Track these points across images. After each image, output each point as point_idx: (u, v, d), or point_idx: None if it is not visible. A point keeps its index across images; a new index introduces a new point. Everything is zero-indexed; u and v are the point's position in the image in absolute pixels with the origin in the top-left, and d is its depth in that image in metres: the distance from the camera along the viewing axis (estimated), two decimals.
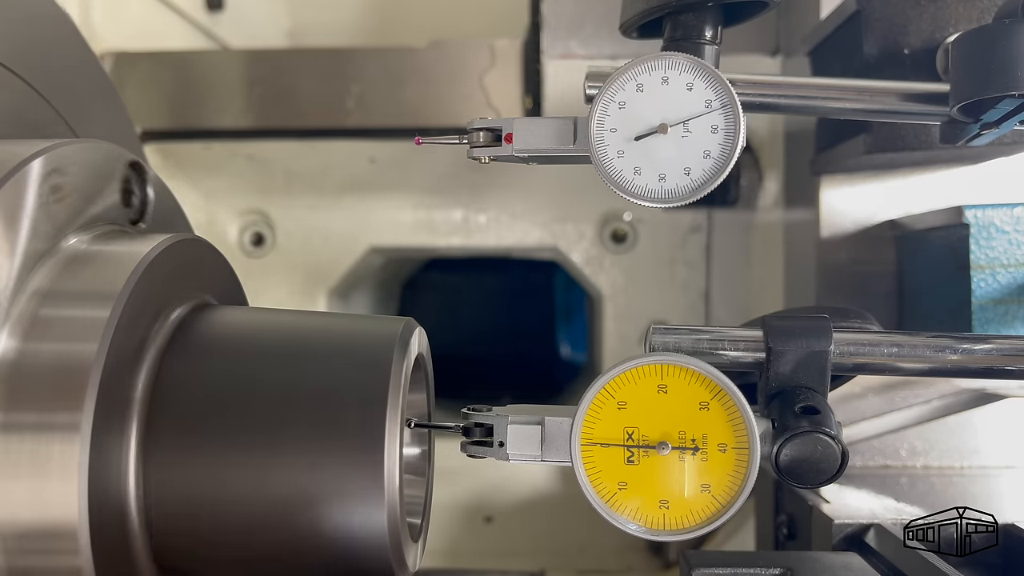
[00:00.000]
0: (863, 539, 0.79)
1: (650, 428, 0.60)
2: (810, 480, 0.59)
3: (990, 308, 0.87)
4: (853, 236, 1.06)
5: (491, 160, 0.68)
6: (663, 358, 0.60)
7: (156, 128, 1.40)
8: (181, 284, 0.63)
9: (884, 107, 0.71)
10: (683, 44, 0.66)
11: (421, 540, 0.65)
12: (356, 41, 1.66)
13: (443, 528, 1.53)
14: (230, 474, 0.56)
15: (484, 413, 0.63)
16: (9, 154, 0.55)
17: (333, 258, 1.56)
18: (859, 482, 0.95)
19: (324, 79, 1.38)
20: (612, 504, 0.60)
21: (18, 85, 0.69)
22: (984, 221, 0.88)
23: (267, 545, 0.57)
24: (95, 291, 0.55)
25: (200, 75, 1.41)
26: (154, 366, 0.58)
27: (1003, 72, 0.63)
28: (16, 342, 0.53)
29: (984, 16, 0.89)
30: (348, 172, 1.50)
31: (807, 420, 0.60)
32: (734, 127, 0.63)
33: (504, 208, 1.55)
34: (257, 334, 0.64)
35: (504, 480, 1.55)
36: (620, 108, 0.64)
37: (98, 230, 0.62)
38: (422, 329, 0.65)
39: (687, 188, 0.64)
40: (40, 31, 0.75)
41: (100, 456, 0.52)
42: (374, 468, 0.55)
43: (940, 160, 1.00)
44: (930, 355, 0.65)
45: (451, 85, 1.37)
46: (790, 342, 0.63)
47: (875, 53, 0.92)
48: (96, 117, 0.82)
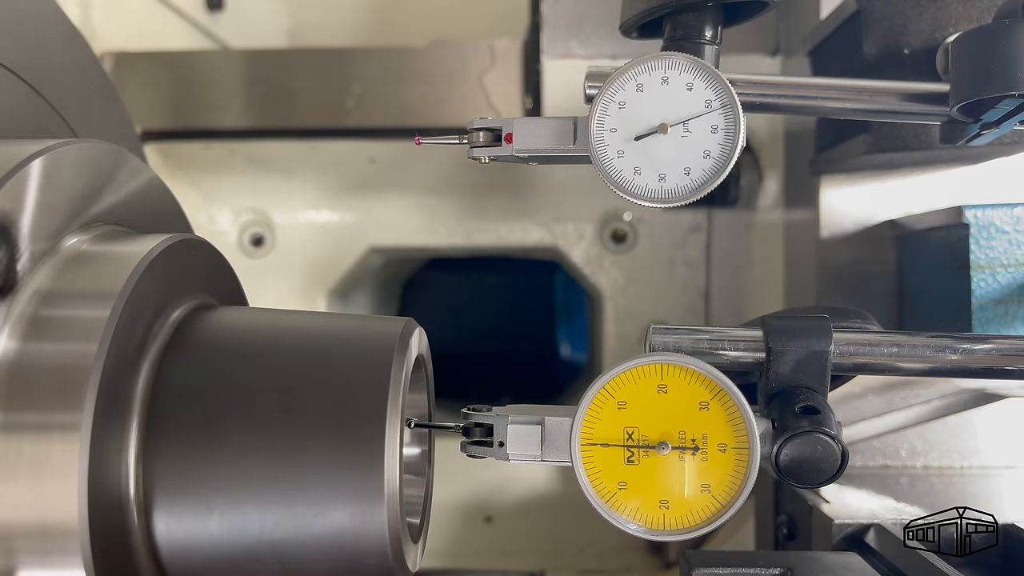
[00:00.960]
0: (863, 539, 0.79)
1: (650, 428, 0.60)
2: (810, 480, 0.59)
3: (990, 308, 0.87)
4: (853, 236, 1.06)
5: (491, 160, 0.68)
6: (663, 358, 0.60)
7: (156, 128, 1.40)
8: (181, 284, 0.63)
9: (884, 107, 0.71)
10: (683, 44, 0.66)
11: (421, 540, 0.64)
12: (356, 41, 1.66)
13: (443, 528, 1.53)
14: (230, 474, 0.56)
15: (484, 413, 0.63)
16: (9, 154, 0.55)
17: (333, 258, 1.56)
18: (859, 482, 0.95)
19: (324, 79, 1.38)
20: (612, 504, 0.60)
21: (18, 85, 0.69)
22: (984, 221, 0.88)
23: (267, 545, 0.56)
24: (95, 291, 0.55)
25: (200, 75, 1.41)
26: (154, 366, 0.58)
27: (1003, 72, 0.63)
28: (16, 342, 0.53)
29: (984, 16, 0.89)
30: (348, 172, 1.50)
31: (807, 420, 0.60)
32: (734, 127, 0.63)
33: (504, 208, 1.55)
34: (257, 334, 0.64)
35: (504, 480, 1.55)
36: (620, 108, 0.64)
37: (98, 230, 0.62)
38: (422, 329, 0.65)
39: (687, 188, 0.64)
40: (40, 31, 0.75)
41: (100, 456, 0.52)
42: (374, 468, 0.55)
43: (940, 160, 1.00)
44: (930, 355, 0.65)
45: (451, 85, 1.37)
46: (790, 342, 0.63)
47: (875, 53, 0.92)
48: (96, 117, 0.82)
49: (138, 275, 0.56)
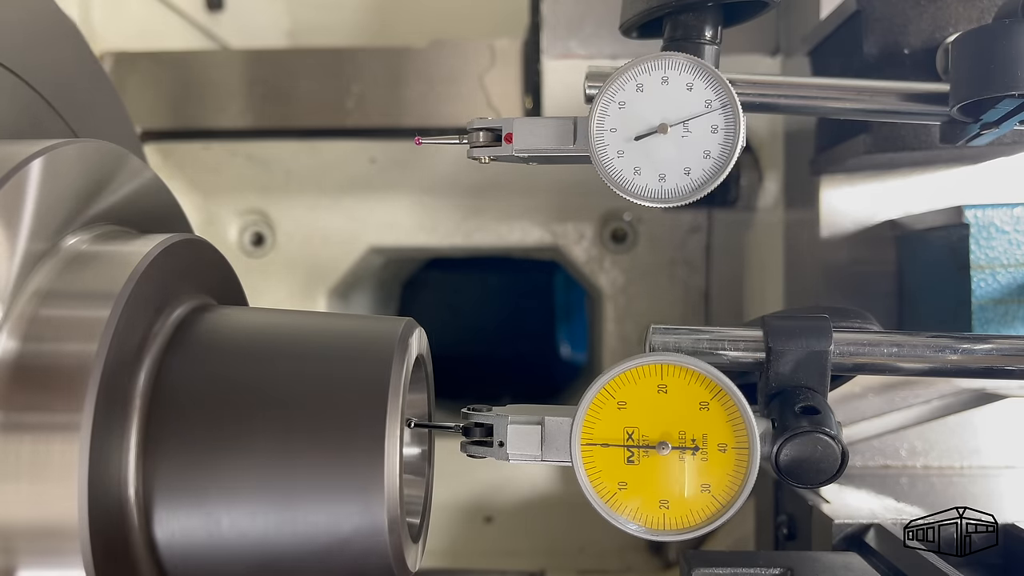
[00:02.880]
0: (863, 539, 0.79)
1: (650, 428, 0.60)
2: (810, 480, 0.59)
3: (990, 308, 0.87)
4: (853, 236, 1.06)
5: (491, 160, 0.68)
6: (663, 358, 0.60)
7: (156, 128, 1.40)
8: (181, 284, 0.63)
9: (884, 107, 0.71)
10: (683, 44, 0.66)
11: (421, 540, 0.64)
12: (356, 41, 1.66)
13: (443, 528, 1.53)
14: (230, 474, 0.56)
15: (484, 413, 0.63)
16: (9, 154, 0.55)
17: (333, 258, 1.56)
18: (859, 482, 0.95)
19: (324, 79, 1.38)
20: (612, 504, 0.60)
21: (18, 85, 0.69)
22: (984, 221, 0.88)
23: (267, 545, 0.56)
24: (95, 291, 0.55)
25: (200, 75, 1.41)
26: (154, 366, 0.58)
27: (1003, 72, 0.63)
28: (16, 342, 0.53)
29: (984, 16, 0.89)
30: (348, 172, 1.50)
31: (807, 420, 0.60)
32: (734, 127, 0.63)
33: (504, 208, 1.55)
34: (257, 334, 0.64)
35: (504, 480, 1.55)
36: (620, 108, 0.64)
37: (98, 230, 0.62)
38: (422, 329, 0.65)
39: (687, 188, 0.64)
40: (40, 31, 0.75)
41: (100, 456, 0.52)
42: (374, 468, 0.55)
43: (940, 160, 1.00)
44: (930, 355, 0.65)
45: (451, 85, 1.37)
46: (790, 342, 0.63)
47: (875, 53, 0.92)
48: (96, 117, 0.82)
49: (138, 275, 0.56)
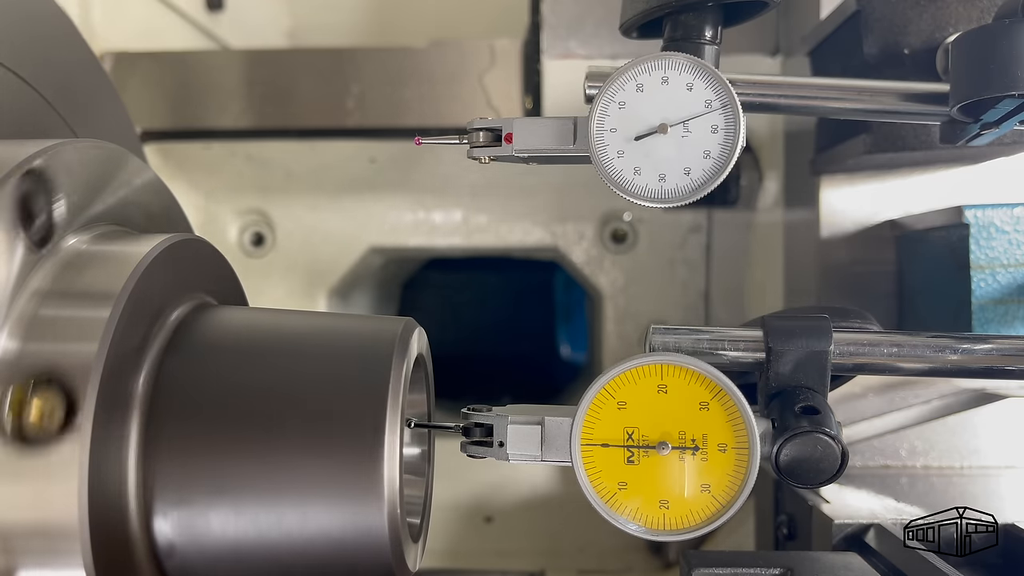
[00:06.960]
0: (863, 539, 0.79)
1: (650, 428, 0.60)
2: (810, 480, 0.59)
3: (990, 308, 0.87)
4: (853, 236, 1.06)
5: (491, 160, 0.68)
6: (663, 358, 0.60)
7: (156, 128, 1.40)
8: (181, 284, 0.63)
9: (884, 107, 0.71)
10: (683, 44, 0.66)
11: (421, 540, 0.64)
12: (356, 41, 1.66)
13: (443, 528, 1.53)
14: (230, 474, 0.56)
15: (484, 413, 0.63)
16: (9, 154, 0.55)
17: (333, 258, 1.56)
18: (859, 482, 0.95)
19: (324, 79, 1.38)
20: (612, 504, 0.60)
21: (18, 85, 0.69)
22: (984, 221, 0.88)
23: (267, 545, 0.56)
24: (95, 291, 0.55)
25: (200, 75, 1.41)
26: (154, 366, 0.58)
27: (1003, 72, 0.63)
28: (16, 342, 0.53)
29: (984, 16, 0.89)
30: (348, 172, 1.50)
31: (807, 420, 0.60)
32: (734, 127, 0.63)
33: (504, 208, 1.55)
34: (257, 334, 0.64)
35: (504, 480, 1.55)
36: (620, 108, 0.64)
37: (98, 230, 0.62)
38: (422, 329, 0.65)
39: (687, 188, 0.64)
40: (40, 31, 0.75)
41: (100, 456, 0.52)
42: (374, 468, 0.55)
43: (940, 160, 1.00)
44: (930, 355, 0.65)
45: (451, 85, 1.37)
46: (790, 342, 0.63)
47: (875, 53, 0.92)
48: (96, 117, 0.82)
49: (138, 275, 0.56)
